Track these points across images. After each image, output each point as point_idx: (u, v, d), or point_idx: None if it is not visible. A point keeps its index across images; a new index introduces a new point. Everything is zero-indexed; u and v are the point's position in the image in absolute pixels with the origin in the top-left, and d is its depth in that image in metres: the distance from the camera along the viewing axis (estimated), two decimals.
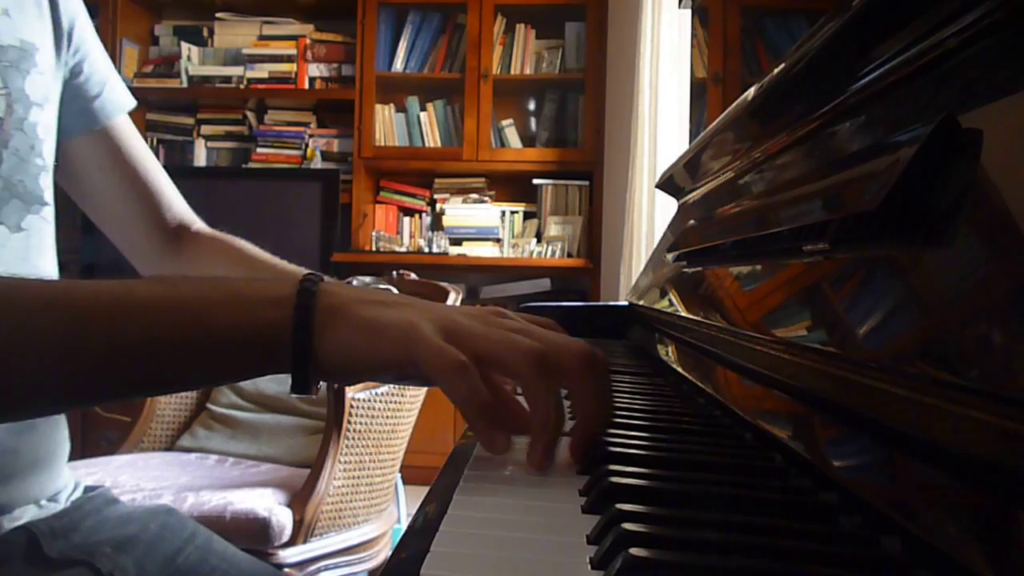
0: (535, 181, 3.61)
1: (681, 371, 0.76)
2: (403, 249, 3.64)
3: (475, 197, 3.66)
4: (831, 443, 0.43)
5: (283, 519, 1.61)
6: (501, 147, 3.62)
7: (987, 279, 0.32)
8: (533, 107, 3.75)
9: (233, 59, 3.76)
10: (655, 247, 1.41)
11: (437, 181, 3.71)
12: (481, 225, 3.62)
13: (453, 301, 1.81)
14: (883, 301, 0.39)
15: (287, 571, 1.61)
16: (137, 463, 1.87)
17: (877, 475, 0.38)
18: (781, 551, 0.32)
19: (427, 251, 3.58)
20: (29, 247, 0.73)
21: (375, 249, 3.60)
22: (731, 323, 0.62)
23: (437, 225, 3.66)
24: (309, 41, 3.71)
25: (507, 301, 3.54)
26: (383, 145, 3.64)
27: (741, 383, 0.59)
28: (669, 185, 1.25)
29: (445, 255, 3.55)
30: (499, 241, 3.63)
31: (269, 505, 1.61)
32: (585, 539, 0.35)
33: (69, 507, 0.77)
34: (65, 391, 0.50)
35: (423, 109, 3.67)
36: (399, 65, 3.64)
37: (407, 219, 3.72)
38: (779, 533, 0.35)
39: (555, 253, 3.54)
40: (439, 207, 3.68)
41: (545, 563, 0.32)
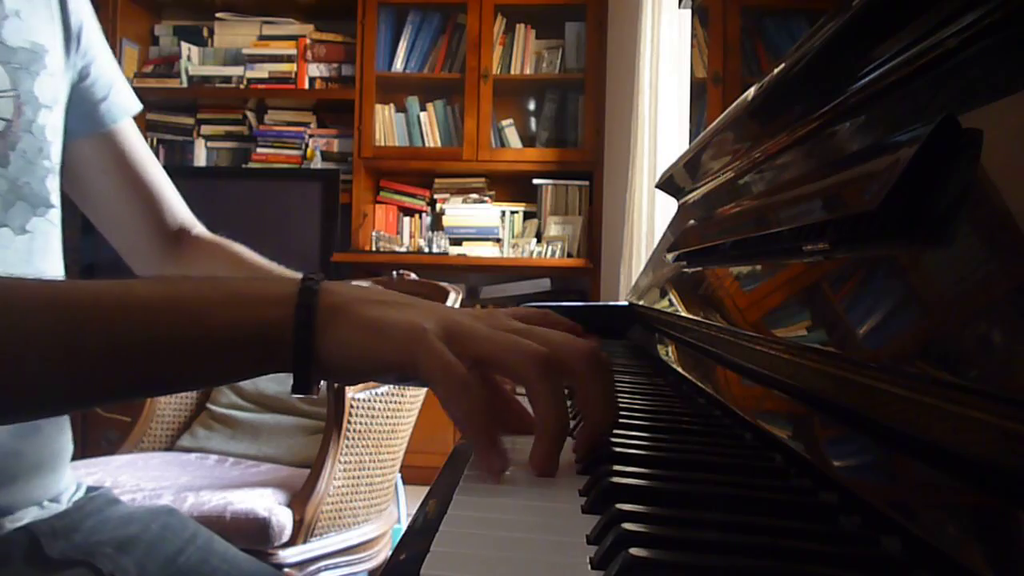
0: (535, 181, 3.61)
1: (681, 371, 0.76)
2: (403, 249, 3.64)
3: (475, 197, 3.66)
4: (831, 443, 0.43)
5: (283, 519, 1.61)
6: (501, 147, 3.62)
7: (987, 279, 0.32)
8: (533, 107, 3.75)
9: (233, 59, 3.76)
10: (655, 247, 1.41)
11: (437, 181, 3.71)
12: (481, 225, 3.62)
13: (453, 301, 1.81)
14: (883, 301, 0.39)
15: (287, 571, 1.61)
16: (137, 463, 1.88)
17: (877, 475, 0.38)
18: (781, 551, 0.32)
19: (427, 251, 3.58)
20: (33, 250, 0.73)
21: (375, 249, 3.60)
22: (731, 323, 0.62)
23: (437, 225, 3.66)
24: (309, 41, 3.71)
25: (507, 301, 3.54)
26: (383, 145, 3.64)
27: (741, 383, 0.59)
28: (669, 185, 1.25)
29: (445, 255, 3.55)
30: (499, 241, 3.63)
31: (269, 505, 1.61)
32: (585, 539, 0.35)
33: (70, 507, 0.77)
34: (64, 392, 0.50)
35: (423, 109, 3.67)
36: (399, 65, 3.64)
37: (407, 219, 3.72)
38: (779, 533, 0.35)
39: (555, 253, 3.54)
40: (439, 207, 3.68)
41: (545, 563, 0.32)
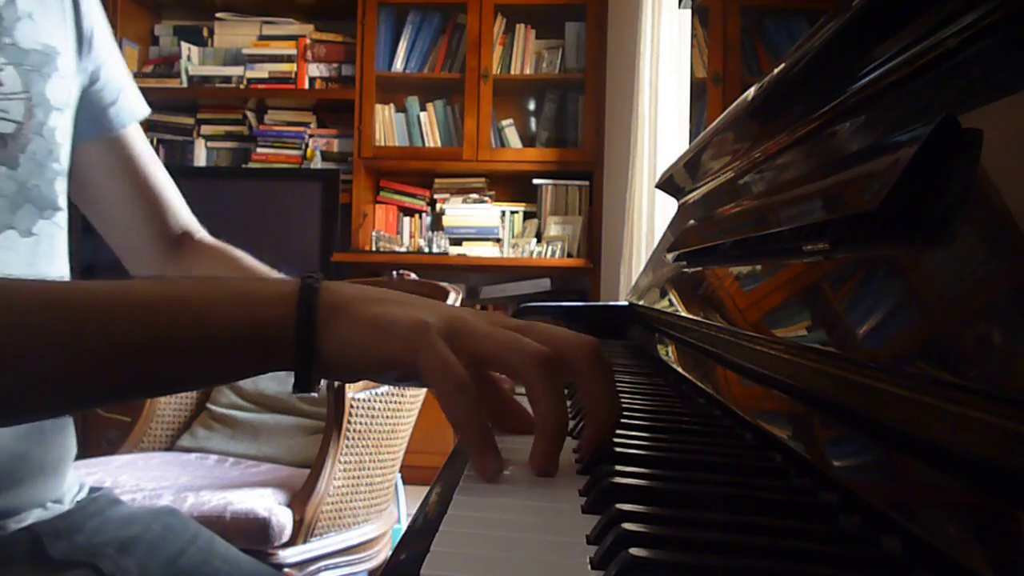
0: (535, 181, 3.61)
1: (681, 371, 0.76)
2: (403, 249, 3.64)
3: (475, 197, 3.66)
4: (831, 443, 0.43)
5: (283, 519, 1.61)
6: (501, 147, 3.62)
7: (987, 279, 0.32)
8: (533, 107, 3.75)
9: (233, 59, 3.76)
10: (655, 247, 1.41)
11: (437, 181, 3.71)
12: (481, 225, 3.62)
13: (453, 301, 1.81)
14: (883, 301, 0.39)
15: (287, 571, 1.61)
16: (137, 463, 1.87)
17: (877, 475, 0.38)
18: (781, 551, 0.32)
19: (427, 251, 3.58)
20: (37, 253, 0.73)
21: (375, 249, 3.60)
22: (731, 323, 0.62)
23: (437, 225, 3.66)
24: (309, 41, 3.71)
25: (507, 301, 3.54)
26: (383, 145, 3.64)
27: (741, 383, 0.59)
28: (669, 185, 1.25)
29: (445, 255, 3.55)
30: (499, 241, 3.63)
31: (269, 505, 1.61)
32: (585, 539, 0.35)
33: (73, 508, 0.77)
34: (65, 392, 0.49)
35: (423, 109, 3.67)
36: (399, 65, 3.64)
37: (407, 219, 3.72)
38: (779, 533, 0.35)
39: (555, 253, 3.54)
40: (439, 207, 3.68)
41: (545, 563, 0.32)
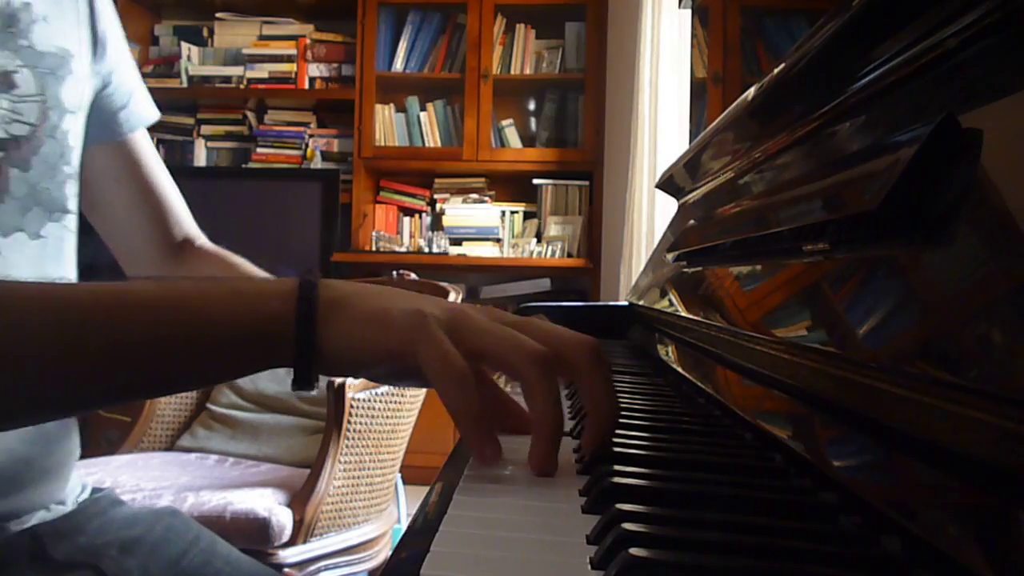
0: (535, 181, 3.61)
1: (681, 371, 0.76)
2: (403, 249, 3.64)
3: (475, 197, 3.66)
4: (831, 443, 0.43)
5: (283, 519, 1.61)
6: (501, 147, 3.62)
7: (987, 279, 0.32)
8: (533, 107, 3.75)
9: (233, 59, 3.76)
10: (655, 247, 1.41)
11: (437, 181, 3.71)
12: (481, 225, 3.62)
13: (453, 301, 1.81)
14: (883, 301, 0.39)
15: (287, 571, 1.61)
16: (137, 463, 1.88)
17: (877, 475, 0.38)
18: (781, 551, 0.32)
19: (427, 251, 3.58)
20: (45, 255, 0.72)
21: (375, 249, 3.60)
22: (731, 323, 0.62)
23: (437, 225, 3.66)
24: (309, 41, 3.71)
25: (507, 301, 3.54)
26: (383, 145, 3.64)
27: (741, 383, 0.59)
28: (669, 185, 1.25)
29: (445, 255, 3.55)
30: (499, 241, 3.63)
31: (269, 505, 1.61)
32: (585, 539, 0.35)
33: (75, 509, 0.77)
34: (66, 393, 0.49)
35: (423, 109, 3.67)
36: (399, 65, 3.64)
37: (407, 219, 3.72)
38: (779, 533, 0.35)
39: (555, 253, 3.54)
40: (439, 207, 3.67)
41: (545, 563, 0.32)
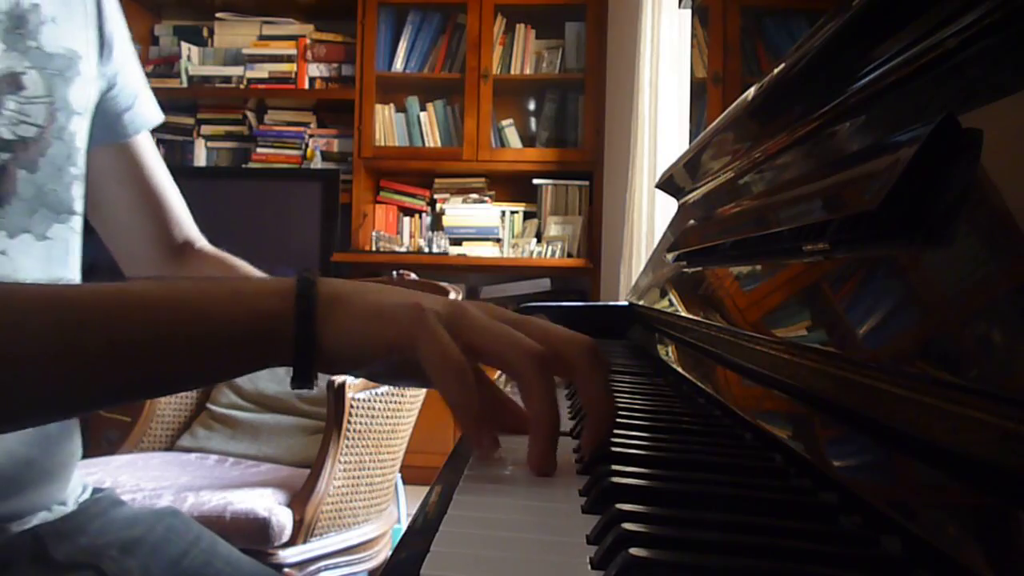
0: (535, 181, 3.61)
1: (681, 371, 0.76)
2: (403, 249, 3.64)
3: (475, 197, 3.66)
4: (831, 443, 0.43)
5: (283, 519, 1.61)
6: (501, 147, 3.62)
7: (987, 279, 0.32)
8: (533, 107, 3.75)
9: (233, 59, 3.76)
10: (655, 247, 1.41)
11: (437, 181, 3.71)
12: (481, 225, 3.62)
13: None
14: (883, 301, 0.39)
15: (287, 571, 1.61)
16: (137, 463, 1.87)
17: (877, 475, 0.38)
18: (781, 551, 0.32)
19: (427, 251, 3.58)
20: (52, 257, 0.72)
21: (375, 249, 3.60)
22: (731, 323, 0.62)
23: (437, 225, 3.66)
24: (309, 41, 3.71)
25: (507, 301, 3.54)
26: (383, 145, 3.64)
27: (741, 383, 0.59)
28: (669, 185, 1.25)
29: (445, 255, 3.55)
30: (499, 241, 3.63)
31: (269, 505, 1.61)
32: (585, 539, 0.35)
33: (76, 510, 0.77)
34: (66, 394, 0.49)
35: (423, 109, 3.67)
36: (399, 65, 3.64)
37: (407, 219, 3.72)
38: (779, 533, 0.35)
39: (555, 253, 3.54)
40: (439, 207, 3.67)
41: (545, 563, 0.32)
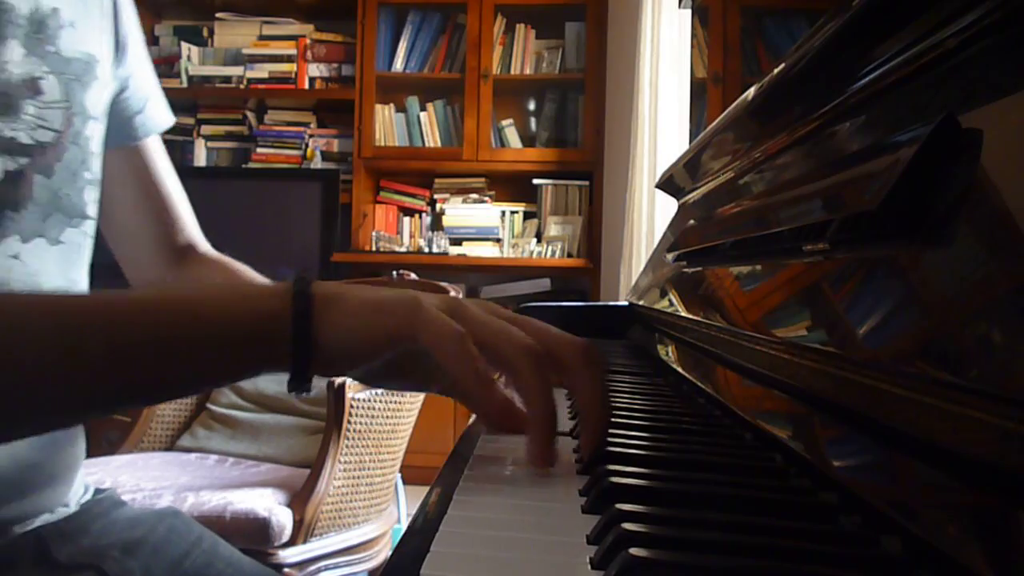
0: (535, 181, 3.61)
1: (681, 371, 0.76)
2: (403, 249, 3.64)
3: (475, 197, 3.66)
4: (831, 443, 0.43)
5: (283, 519, 1.61)
6: (501, 147, 3.62)
7: (987, 279, 0.32)
8: (533, 107, 3.75)
9: (233, 59, 3.76)
10: (655, 247, 1.41)
11: (437, 181, 3.71)
12: (481, 225, 3.62)
13: None
14: (883, 301, 0.39)
15: (287, 571, 1.61)
16: (137, 463, 1.87)
17: (877, 475, 0.38)
18: (781, 551, 0.32)
19: (427, 251, 3.58)
20: (64, 261, 0.72)
21: (375, 249, 3.60)
22: (731, 323, 0.62)
23: (437, 225, 3.66)
24: (309, 41, 3.71)
25: (507, 301, 3.54)
26: (383, 145, 3.64)
27: (741, 383, 0.59)
28: (669, 185, 1.25)
29: (445, 255, 3.55)
30: (499, 241, 3.63)
31: (269, 505, 1.61)
32: (585, 539, 0.35)
33: (78, 511, 0.77)
34: (66, 399, 0.49)
35: (423, 109, 3.67)
36: (399, 65, 3.64)
37: (407, 219, 3.72)
38: (779, 533, 0.35)
39: (555, 253, 3.54)
40: (439, 207, 3.67)
41: (545, 563, 0.32)
